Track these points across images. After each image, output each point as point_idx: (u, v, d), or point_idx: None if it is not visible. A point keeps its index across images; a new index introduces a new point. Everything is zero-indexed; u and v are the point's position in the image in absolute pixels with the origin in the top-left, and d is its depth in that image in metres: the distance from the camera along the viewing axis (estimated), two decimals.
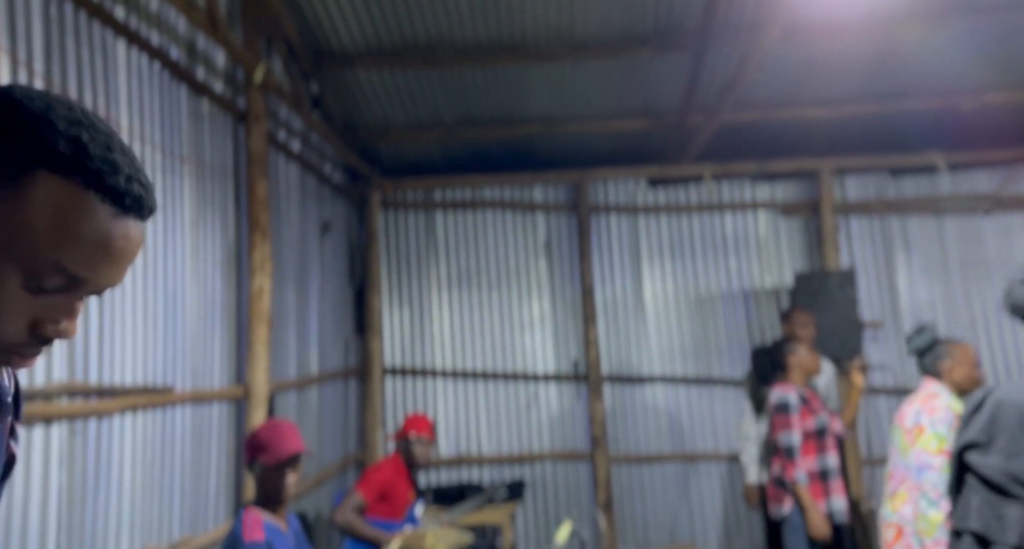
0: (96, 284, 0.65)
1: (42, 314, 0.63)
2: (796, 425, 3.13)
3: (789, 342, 3.34)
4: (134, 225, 0.65)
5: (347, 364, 5.11)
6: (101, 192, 0.62)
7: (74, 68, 2.30)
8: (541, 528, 5.19)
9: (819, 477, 3.15)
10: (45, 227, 0.60)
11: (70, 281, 0.63)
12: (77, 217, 0.61)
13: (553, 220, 5.46)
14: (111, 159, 0.63)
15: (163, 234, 2.78)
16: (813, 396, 3.28)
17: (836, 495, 3.14)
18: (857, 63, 4.34)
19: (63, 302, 0.64)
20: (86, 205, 0.61)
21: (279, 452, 2.19)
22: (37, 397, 2.11)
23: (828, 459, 3.16)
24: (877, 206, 5.25)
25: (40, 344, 0.65)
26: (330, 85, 4.49)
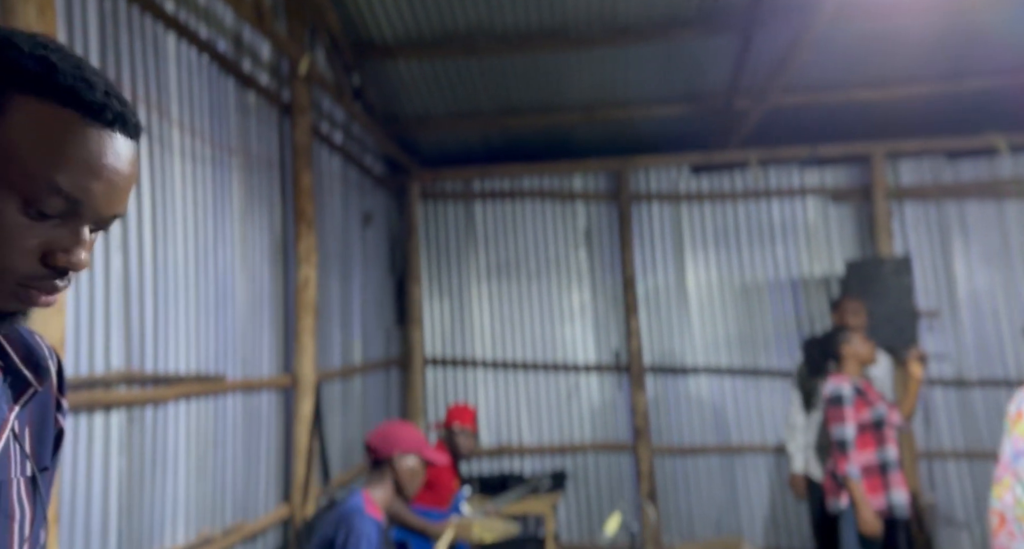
0: (96, 209, 0.64)
1: (51, 244, 0.63)
2: (850, 417, 3.04)
3: (842, 331, 3.24)
4: (122, 141, 0.65)
5: (389, 354, 5.15)
6: (80, 108, 0.62)
7: (127, 61, 2.34)
8: (583, 518, 5.17)
9: (878, 470, 3.05)
10: (32, 148, 0.61)
11: (68, 203, 0.62)
12: (61, 135, 0.61)
13: (593, 209, 5.40)
14: (84, 76, 0.63)
15: (213, 225, 2.82)
16: (869, 387, 3.18)
17: (897, 488, 3.04)
18: (914, 42, 4.16)
19: (69, 231, 0.64)
20: (68, 122, 0.62)
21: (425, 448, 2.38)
22: (97, 385, 2.16)
23: (888, 452, 3.06)
24: (933, 191, 5.05)
25: (55, 276, 0.64)
26: (371, 76, 4.49)
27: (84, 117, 0.63)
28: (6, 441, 0.69)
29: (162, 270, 2.48)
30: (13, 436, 0.70)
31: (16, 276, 0.63)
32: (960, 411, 4.89)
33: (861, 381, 3.16)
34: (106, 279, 2.21)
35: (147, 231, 2.41)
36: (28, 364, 0.72)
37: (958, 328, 4.93)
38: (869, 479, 3.05)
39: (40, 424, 0.76)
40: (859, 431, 3.07)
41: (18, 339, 0.73)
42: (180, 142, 2.62)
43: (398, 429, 2.40)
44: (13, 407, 0.70)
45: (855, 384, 3.12)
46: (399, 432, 2.38)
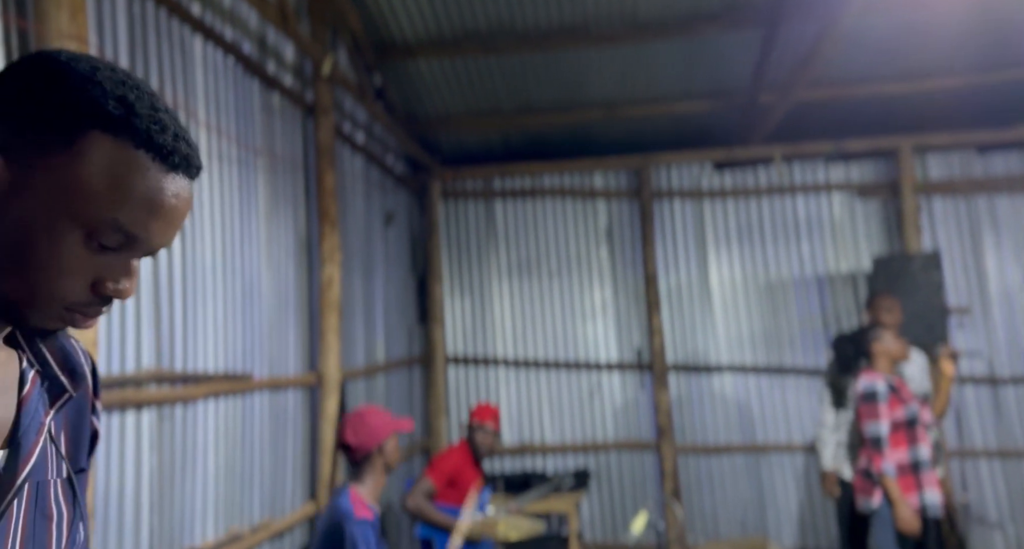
0: (150, 243, 0.67)
1: (102, 273, 0.66)
2: (884, 415, 2.98)
3: (874, 329, 3.18)
4: (183, 183, 0.67)
5: (411, 352, 5.17)
6: (151, 151, 0.64)
7: (155, 63, 2.37)
8: (607, 517, 5.15)
9: (911, 469, 2.99)
10: (101, 186, 0.63)
11: (127, 239, 0.65)
12: (131, 175, 0.63)
13: (614, 207, 5.37)
14: (158, 118, 0.65)
15: (240, 225, 2.85)
16: (902, 384, 3.12)
17: (930, 488, 2.98)
18: (944, 34, 4.09)
19: (121, 262, 0.66)
20: (138, 163, 0.64)
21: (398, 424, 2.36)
22: (128, 384, 2.19)
23: (920, 450, 3.00)
24: (962, 185, 4.95)
25: (102, 304, 0.67)
26: (392, 76, 4.51)
27: (154, 159, 0.65)
28: (43, 444, 0.70)
29: (191, 270, 2.51)
30: (50, 439, 0.72)
31: (66, 302, 0.65)
32: (992, 409, 4.79)
33: (894, 378, 3.11)
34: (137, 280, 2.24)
35: None
36: (64, 369, 0.74)
37: (990, 325, 4.83)
38: (902, 478, 2.99)
39: (76, 427, 0.77)
40: (893, 429, 3.01)
41: (56, 345, 0.75)
42: (207, 143, 2.65)
43: (369, 419, 2.33)
44: (49, 411, 0.72)
45: (889, 381, 3.06)
46: (372, 422, 2.32)
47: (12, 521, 0.65)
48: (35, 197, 0.62)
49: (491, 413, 3.63)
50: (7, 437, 0.67)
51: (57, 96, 0.63)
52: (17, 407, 0.69)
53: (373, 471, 2.31)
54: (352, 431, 2.32)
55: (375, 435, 2.31)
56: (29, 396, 0.70)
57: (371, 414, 2.35)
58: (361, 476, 2.32)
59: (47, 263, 0.63)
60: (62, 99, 0.63)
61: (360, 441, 2.30)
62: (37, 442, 0.68)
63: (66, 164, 0.62)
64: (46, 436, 0.70)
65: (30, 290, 0.64)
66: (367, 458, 2.31)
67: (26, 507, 0.67)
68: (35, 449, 0.68)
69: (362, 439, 2.30)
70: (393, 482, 4.52)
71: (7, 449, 0.66)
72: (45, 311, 0.66)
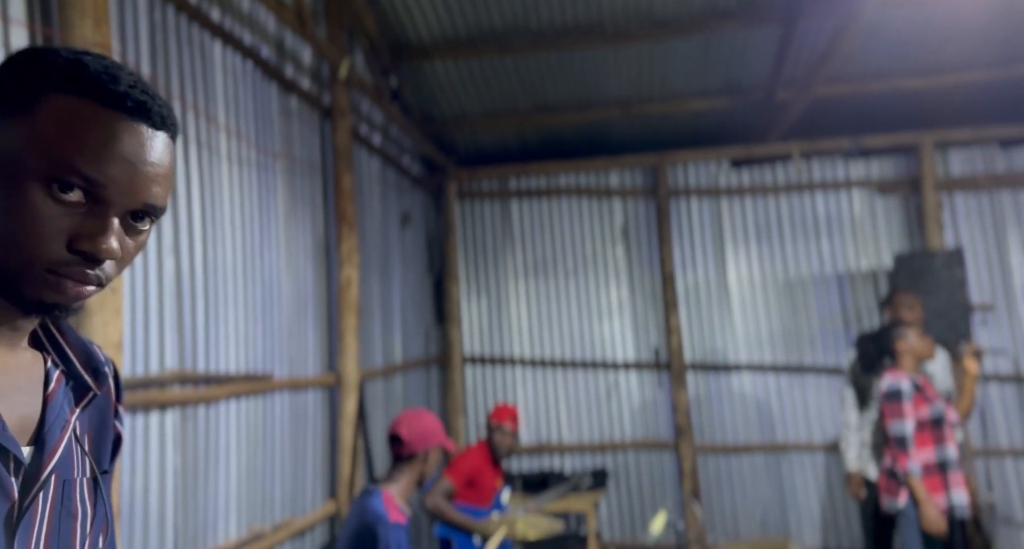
0: (119, 193, 0.66)
1: (77, 230, 0.65)
2: (909, 414, 2.94)
3: (897, 327, 3.14)
4: (146, 130, 0.67)
5: (428, 353, 5.19)
6: (99, 98, 0.66)
7: (176, 69, 2.40)
8: (625, 516, 5.14)
9: (937, 469, 2.95)
10: (53, 135, 0.64)
11: (88, 185, 0.65)
12: (80, 121, 0.65)
13: (630, 205, 5.36)
14: (111, 72, 0.67)
15: (260, 228, 2.88)
16: (927, 383, 3.08)
17: (957, 488, 2.93)
18: (966, 28, 4.02)
19: (96, 218, 0.66)
20: (87, 110, 0.65)
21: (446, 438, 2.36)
22: (152, 385, 2.23)
23: (947, 450, 2.96)
24: (985, 181, 4.87)
25: (84, 262, 0.66)
26: (407, 77, 4.53)
27: (103, 106, 0.66)
28: (68, 443, 0.71)
29: (212, 272, 2.55)
30: (75, 438, 0.73)
31: (44, 262, 0.64)
32: (1018, 408, 4.71)
33: (919, 377, 3.07)
34: (159, 282, 2.28)
35: (197, 234, 2.47)
36: (88, 369, 0.76)
37: (1014, 322, 4.75)
38: (928, 478, 2.95)
39: (99, 429, 0.79)
40: (918, 428, 2.98)
41: (78, 344, 0.76)
42: (227, 147, 2.68)
43: (428, 422, 2.33)
44: (75, 409, 0.73)
45: (913, 380, 3.02)
46: (430, 425, 2.32)
47: (37, 516, 0.67)
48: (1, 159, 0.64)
49: (509, 414, 3.64)
50: (33, 434, 0.69)
51: (20, 68, 0.67)
52: (43, 405, 0.70)
53: (410, 473, 2.29)
54: (407, 427, 2.29)
55: (427, 438, 2.29)
56: (54, 394, 0.71)
57: (428, 417, 2.34)
58: (397, 477, 2.28)
59: (17, 223, 0.63)
60: (22, 70, 0.66)
61: (413, 438, 2.27)
62: (62, 439, 0.70)
63: (21, 123, 0.64)
64: (71, 434, 0.72)
65: (10, 255, 0.64)
66: (411, 458, 2.28)
67: (51, 504, 0.68)
68: (59, 445, 0.69)
69: (415, 437, 2.27)
70: None
71: (33, 446, 0.68)
72: (30, 277, 0.65)
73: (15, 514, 0.65)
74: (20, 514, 0.65)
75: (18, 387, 0.69)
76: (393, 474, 2.30)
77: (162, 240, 2.30)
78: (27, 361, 0.72)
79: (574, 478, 4.48)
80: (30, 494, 0.66)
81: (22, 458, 0.66)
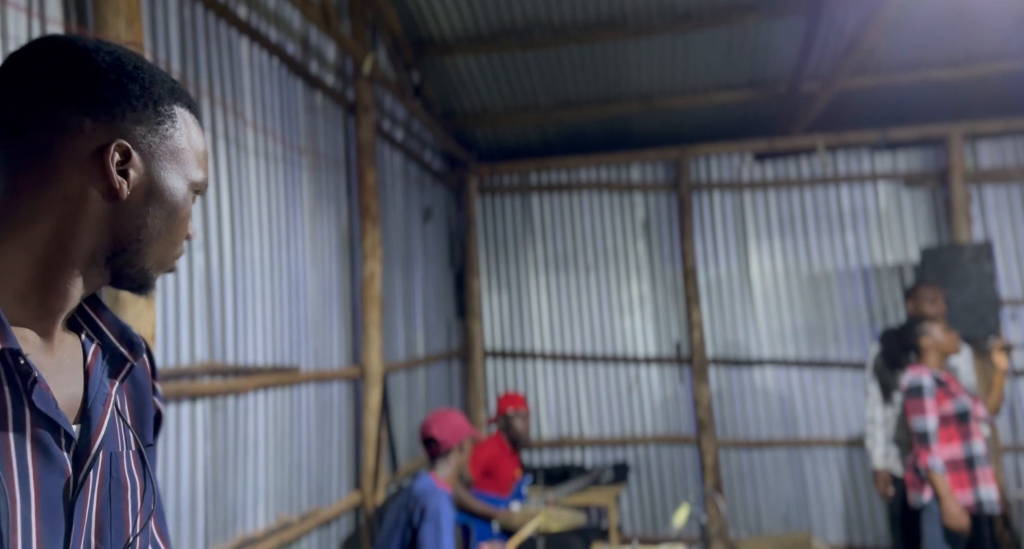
0: (205, 189, 0.81)
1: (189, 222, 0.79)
2: (931, 409, 2.92)
3: (921, 322, 3.10)
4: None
5: (450, 346, 5.23)
6: (194, 111, 0.78)
7: (205, 66, 2.45)
8: (646, 510, 5.14)
9: (965, 465, 2.92)
10: (188, 146, 0.76)
11: (204, 187, 0.79)
12: (196, 133, 0.78)
13: (652, 200, 5.34)
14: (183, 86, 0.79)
15: (286, 222, 2.92)
16: (951, 378, 3.04)
17: (985, 484, 2.90)
18: (995, 17, 3.94)
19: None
20: (193, 121, 0.78)
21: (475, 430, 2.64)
22: (184, 376, 2.28)
23: (975, 445, 2.93)
24: (1016, 173, 4.78)
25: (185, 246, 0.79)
26: (430, 73, 4.56)
27: (195, 118, 0.79)
28: (112, 417, 0.74)
29: (240, 267, 2.59)
30: (116, 411, 0.76)
31: (179, 254, 0.78)
32: None
33: (943, 373, 3.03)
34: (190, 276, 2.33)
35: (226, 229, 2.52)
36: (122, 341, 0.78)
37: None
38: (955, 473, 2.92)
39: (139, 403, 0.82)
40: (942, 424, 2.95)
41: (111, 319, 0.79)
42: (254, 142, 2.72)
43: (456, 418, 2.57)
44: (113, 382, 0.76)
45: (936, 375, 2.99)
46: (458, 421, 2.56)
47: (89, 490, 0.70)
48: (165, 171, 0.73)
49: (520, 399, 3.78)
50: (79, 411, 0.71)
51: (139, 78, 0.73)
52: (84, 382, 0.73)
53: (449, 466, 2.53)
54: (438, 427, 2.53)
55: (458, 433, 2.54)
56: (93, 368, 0.74)
57: (454, 415, 2.60)
58: (439, 467, 2.53)
59: (184, 225, 0.76)
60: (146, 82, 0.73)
61: (445, 436, 2.52)
62: (105, 413, 0.73)
63: (171, 136, 0.74)
64: (113, 408, 0.75)
65: (173, 251, 0.77)
66: (447, 454, 2.52)
67: (100, 477, 0.71)
68: (104, 420, 0.72)
69: (447, 435, 2.53)
70: None
71: (80, 423, 0.71)
72: (167, 267, 0.77)
73: (71, 489, 0.68)
74: (76, 489, 0.68)
75: (63, 367, 0.72)
76: (435, 466, 2.54)
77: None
78: (67, 342, 0.75)
79: (595, 471, 4.49)
80: (83, 469, 0.69)
81: (72, 434, 0.68)
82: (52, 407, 0.66)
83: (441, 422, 2.56)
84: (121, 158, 0.70)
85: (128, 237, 0.72)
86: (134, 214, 0.72)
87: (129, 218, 0.71)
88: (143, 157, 0.72)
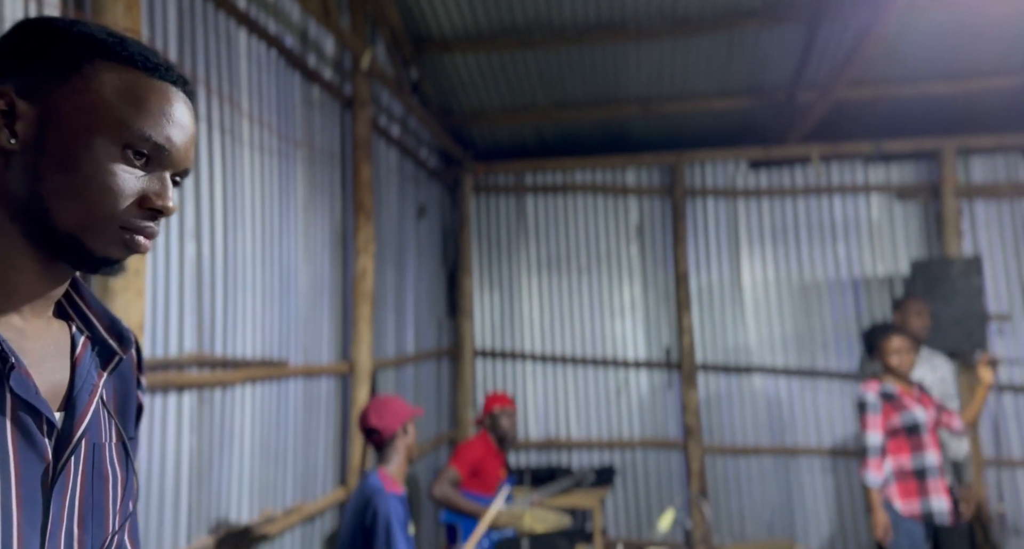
0: (175, 155, 0.74)
1: (146, 189, 0.72)
2: (872, 425, 3.06)
3: (888, 330, 3.18)
4: (183, 96, 0.75)
5: (440, 345, 5.22)
6: (147, 69, 0.73)
7: (202, 55, 2.43)
8: (631, 514, 5.15)
9: (914, 475, 3.02)
10: (120, 102, 0.70)
11: (156, 149, 0.72)
12: (142, 91, 0.72)
13: (646, 204, 5.35)
14: (143, 47, 0.75)
15: (279, 215, 2.91)
16: (906, 391, 3.11)
17: (936, 495, 2.99)
18: (991, 34, 3.98)
19: (158, 179, 0.73)
20: (143, 80, 0.72)
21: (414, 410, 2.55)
22: (171, 366, 2.26)
23: (926, 458, 3.02)
24: (1007, 189, 4.82)
25: (151, 219, 0.72)
26: (428, 70, 4.55)
27: (152, 76, 0.73)
28: (96, 407, 0.74)
29: (231, 258, 2.58)
30: (102, 403, 0.76)
31: (120, 220, 0.70)
32: None
33: (897, 386, 3.11)
34: (180, 266, 2.31)
35: (219, 220, 2.50)
36: (112, 333, 0.78)
37: None
38: (903, 483, 3.04)
39: (123, 396, 0.81)
40: (892, 436, 3.07)
41: (101, 311, 0.79)
42: (249, 134, 2.71)
43: (393, 402, 2.50)
44: (102, 374, 0.75)
45: (885, 389, 3.10)
46: (396, 405, 2.50)
47: (71, 479, 0.69)
48: (68, 123, 0.69)
49: (506, 398, 3.78)
50: (63, 399, 0.71)
51: (59, 37, 0.71)
52: (71, 371, 0.73)
53: (397, 454, 2.46)
54: (376, 415, 2.47)
55: (397, 417, 2.47)
56: (81, 358, 0.74)
57: (390, 400, 2.53)
58: (387, 459, 2.46)
59: (99, 183, 0.69)
60: (63, 38, 0.71)
61: (384, 423, 2.45)
62: (91, 403, 0.72)
63: (84, 89, 0.69)
64: (99, 399, 0.74)
65: (88, 213, 0.69)
66: (391, 440, 2.46)
67: (83, 467, 0.71)
68: (89, 409, 0.72)
69: (386, 422, 2.45)
70: (422, 471, 4.58)
71: (64, 411, 0.70)
72: (105, 235, 0.70)
73: (50, 475, 0.67)
74: (55, 476, 0.68)
75: (48, 354, 0.72)
76: (383, 457, 2.47)
77: (184, 224, 2.33)
78: (55, 330, 0.74)
79: (578, 473, 4.50)
80: (63, 457, 0.68)
81: (54, 421, 0.68)
82: (31, 393, 0.66)
83: (378, 409, 2.48)
84: (6, 107, 0.68)
85: (22, 191, 0.68)
86: (28, 167, 0.68)
87: (23, 171, 0.68)
88: (43, 109, 0.68)
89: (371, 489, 2.33)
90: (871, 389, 3.12)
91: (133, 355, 0.83)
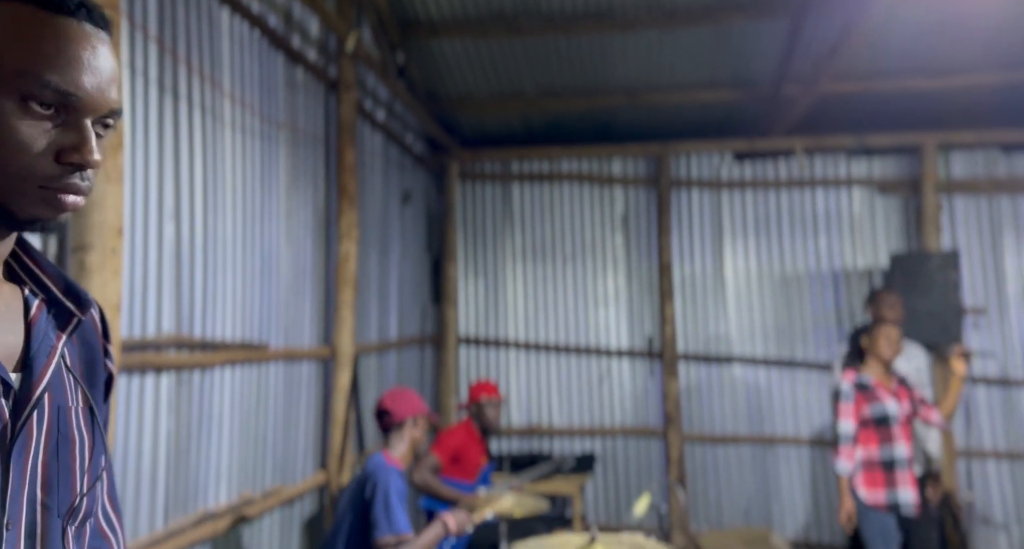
0: (89, 99, 0.66)
1: (61, 143, 0.65)
2: (845, 413, 3.12)
3: (875, 324, 3.24)
4: (92, 30, 0.68)
5: (423, 331, 5.22)
6: (41, 5, 0.65)
7: (183, 32, 2.39)
8: (611, 501, 5.20)
9: (881, 466, 3.08)
10: (12, 46, 0.63)
11: (61, 95, 0.65)
12: (36, 29, 0.64)
13: (632, 194, 5.36)
14: None
15: (261, 197, 2.89)
16: (882, 383, 3.17)
17: (903, 487, 3.06)
18: (974, 31, 4.01)
19: (74, 128, 0.66)
20: (38, 17, 0.65)
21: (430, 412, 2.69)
22: (149, 347, 2.25)
23: (895, 449, 3.09)
24: (985, 185, 4.89)
25: (72, 173, 0.66)
26: (415, 54, 4.51)
27: (48, 11, 0.65)
28: (58, 369, 0.72)
29: (211, 239, 2.56)
30: (65, 366, 0.74)
31: (37, 179, 0.65)
32: (1003, 410, 4.77)
33: (874, 377, 3.16)
34: (159, 246, 2.29)
35: (198, 200, 2.48)
36: (68, 295, 0.76)
37: (1005, 326, 4.79)
38: (870, 473, 3.11)
39: (89, 363, 0.79)
40: (862, 426, 3.14)
41: (55, 273, 0.77)
42: (231, 114, 2.68)
43: (412, 395, 2.60)
44: (60, 335, 0.74)
45: (861, 380, 3.16)
46: (413, 398, 2.59)
47: (33, 439, 0.68)
48: None
49: (493, 387, 3.79)
50: (19, 360, 0.70)
51: None
52: (26, 333, 0.71)
53: (402, 442, 2.53)
54: (391, 399, 2.56)
55: (411, 406, 2.55)
56: (36, 320, 0.72)
57: (411, 392, 2.63)
58: (392, 444, 2.53)
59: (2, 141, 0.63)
60: None
61: (397, 407, 2.53)
62: (49, 363, 0.71)
63: None
64: (59, 360, 0.73)
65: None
66: (400, 426, 2.52)
67: (47, 429, 0.70)
68: (48, 369, 0.70)
69: (399, 406, 2.54)
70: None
71: (21, 372, 0.69)
72: (23, 195, 0.65)
73: (8, 436, 0.66)
74: (14, 436, 0.67)
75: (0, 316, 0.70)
76: (388, 442, 2.54)
77: (163, 204, 2.30)
78: (6, 292, 0.72)
79: (558, 460, 4.53)
80: (22, 416, 0.67)
81: (10, 381, 0.67)
82: None
83: (396, 396, 2.58)
84: None
85: None
86: None
87: None
88: None
89: (373, 464, 2.41)
90: (847, 378, 3.19)
91: (97, 321, 0.82)
